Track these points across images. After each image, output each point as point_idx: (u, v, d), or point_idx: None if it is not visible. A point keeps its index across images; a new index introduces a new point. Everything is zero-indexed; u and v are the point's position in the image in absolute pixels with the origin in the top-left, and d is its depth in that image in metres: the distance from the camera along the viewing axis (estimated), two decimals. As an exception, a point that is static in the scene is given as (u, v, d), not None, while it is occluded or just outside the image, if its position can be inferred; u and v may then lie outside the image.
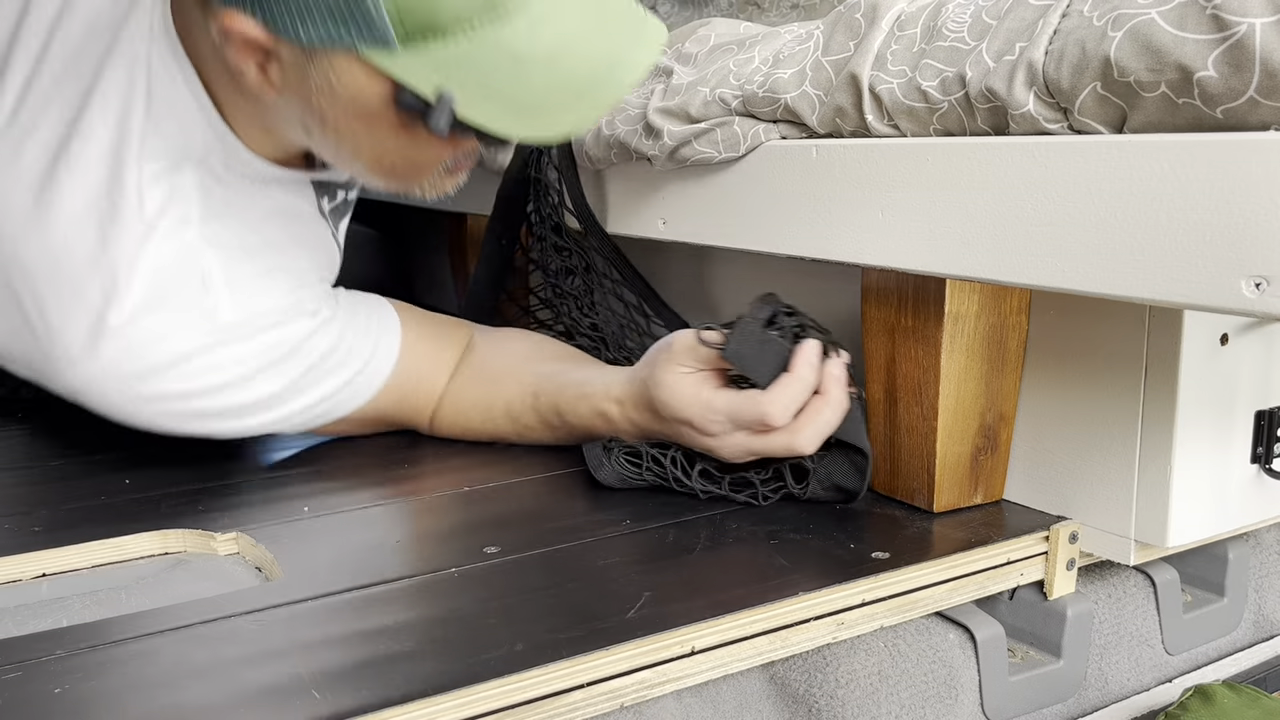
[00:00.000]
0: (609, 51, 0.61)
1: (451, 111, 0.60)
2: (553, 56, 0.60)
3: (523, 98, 0.60)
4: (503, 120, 0.61)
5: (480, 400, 0.86)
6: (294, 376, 0.77)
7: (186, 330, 0.72)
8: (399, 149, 0.67)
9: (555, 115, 0.61)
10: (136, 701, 0.48)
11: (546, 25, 0.59)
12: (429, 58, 0.58)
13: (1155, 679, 0.72)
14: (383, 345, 0.83)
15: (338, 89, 0.62)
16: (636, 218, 0.79)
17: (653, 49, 0.63)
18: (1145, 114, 0.47)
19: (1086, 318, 0.65)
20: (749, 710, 0.59)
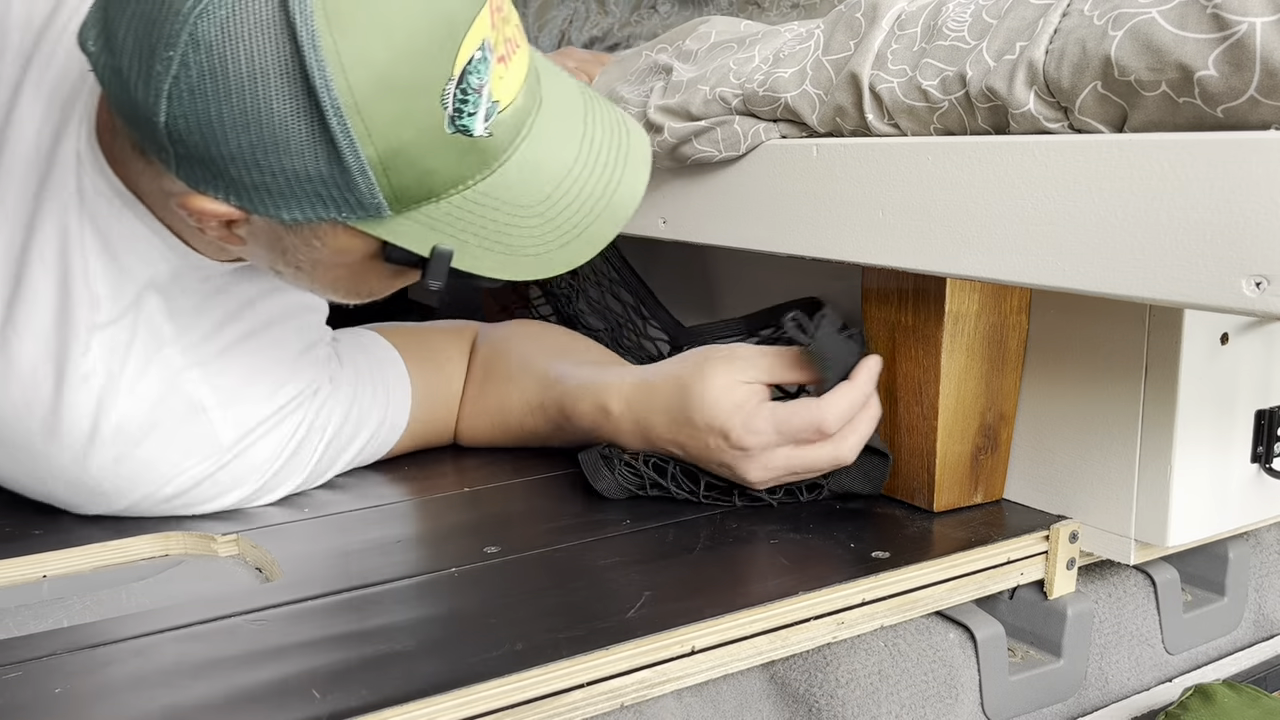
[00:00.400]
0: (601, 181, 0.60)
1: (449, 264, 0.58)
2: (547, 197, 0.59)
3: (519, 243, 0.59)
4: (501, 267, 0.59)
5: (489, 411, 0.85)
6: (313, 464, 0.75)
7: (189, 459, 0.68)
8: (378, 282, 0.64)
9: (553, 254, 0.60)
10: (136, 701, 0.48)
11: (538, 168, 0.58)
12: (422, 219, 0.56)
13: (1155, 678, 0.72)
14: (395, 399, 0.81)
15: (318, 249, 0.59)
16: (636, 217, 0.79)
17: (641, 168, 0.62)
18: (1146, 113, 0.47)
19: (1086, 318, 0.65)
20: (749, 710, 0.59)
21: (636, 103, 0.73)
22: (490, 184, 0.57)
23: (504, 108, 0.56)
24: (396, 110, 0.51)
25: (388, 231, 0.56)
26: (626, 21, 1.27)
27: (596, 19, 1.33)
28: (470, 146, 0.55)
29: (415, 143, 0.53)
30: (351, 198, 0.53)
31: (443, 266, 0.57)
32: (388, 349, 0.83)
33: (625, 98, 0.75)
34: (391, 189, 0.54)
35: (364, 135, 0.51)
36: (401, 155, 0.52)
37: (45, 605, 0.60)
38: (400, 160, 0.53)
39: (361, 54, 0.49)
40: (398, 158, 0.52)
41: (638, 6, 1.27)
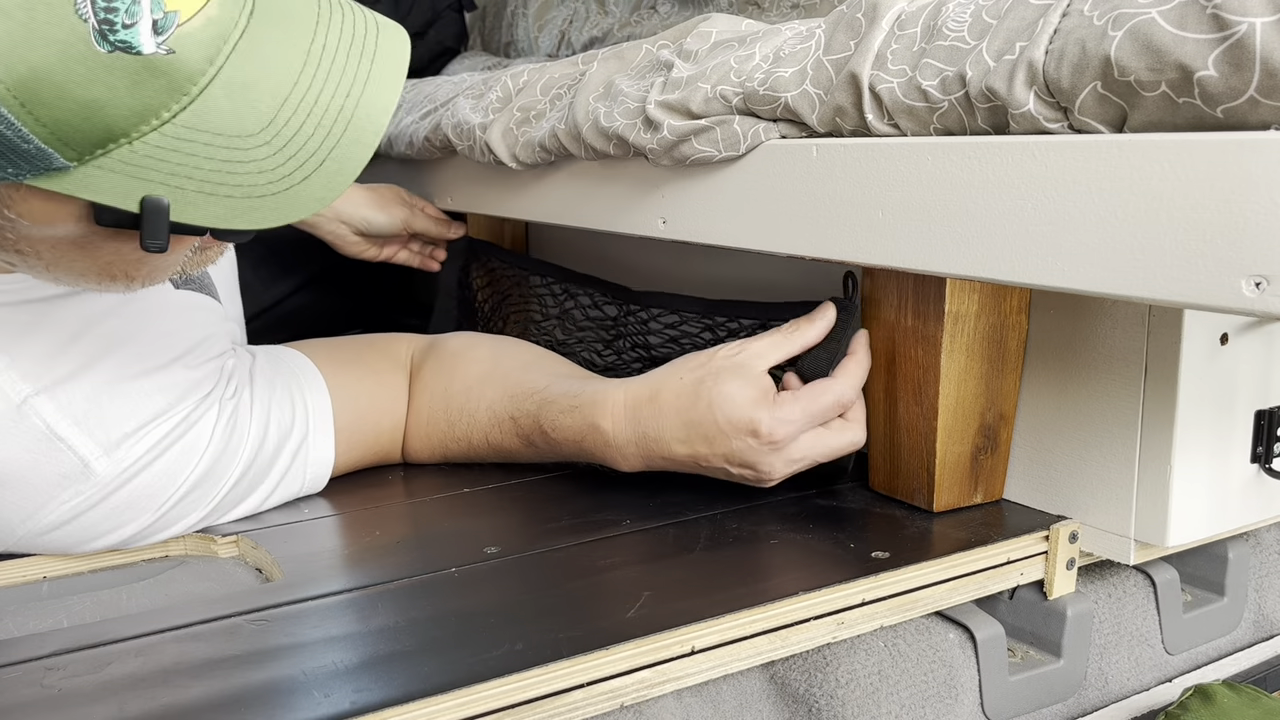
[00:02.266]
0: (339, 95, 0.52)
1: (168, 219, 0.48)
2: (270, 121, 0.49)
3: (250, 181, 0.49)
4: (235, 214, 0.50)
5: (444, 425, 0.79)
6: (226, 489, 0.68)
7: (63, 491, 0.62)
8: (124, 258, 0.55)
9: (297, 191, 0.51)
10: (136, 701, 0.48)
11: (252, 87, 0.49)
12: (117, 166, 0.47)
13: (1155, 679, 0.72)
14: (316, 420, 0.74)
15: (18, 223, 0.50)
16: (636, 217, 0.79)
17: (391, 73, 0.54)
18: (1145, 113, 0.47)
19: (1086, 318, 0.65)
20: (749, 710, 0.59)
21: (636, 97, 0.73)
22: (193, 114, 0.47)
23: (187, 18, 0.47)
24: (13, 29, 0.43)
25: (80, 187, 0.47)
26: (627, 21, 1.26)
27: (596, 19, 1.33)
28: (145, 68, 0.46)
29: (56, 69, 0.44)
30: (5, 148, 0.45)
31: (160, 222, 0.48)
32: (304, 364, 0.77)
33: (625, 91, 0.75)
34: (46, 129, 0.45)
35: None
36: (42, 85, 0.44)
37: (45, 605, 0.60)
38: (43, 91, 0.44)
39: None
40: (37, 89, 0.44)
41: (638, 7, 1.26)
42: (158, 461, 0.65)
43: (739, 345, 0.70)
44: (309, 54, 0.51)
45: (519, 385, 0.76)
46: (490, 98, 0.93)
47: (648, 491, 0.74)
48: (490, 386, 0.78)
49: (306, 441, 0.74)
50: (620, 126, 0.73)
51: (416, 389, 0.81)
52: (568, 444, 0.73)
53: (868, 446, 0.74)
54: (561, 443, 0.73)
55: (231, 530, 0.69)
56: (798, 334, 0.70)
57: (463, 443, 0.79)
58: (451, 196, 1.10)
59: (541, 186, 0.92)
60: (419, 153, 1.08)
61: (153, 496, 0.65)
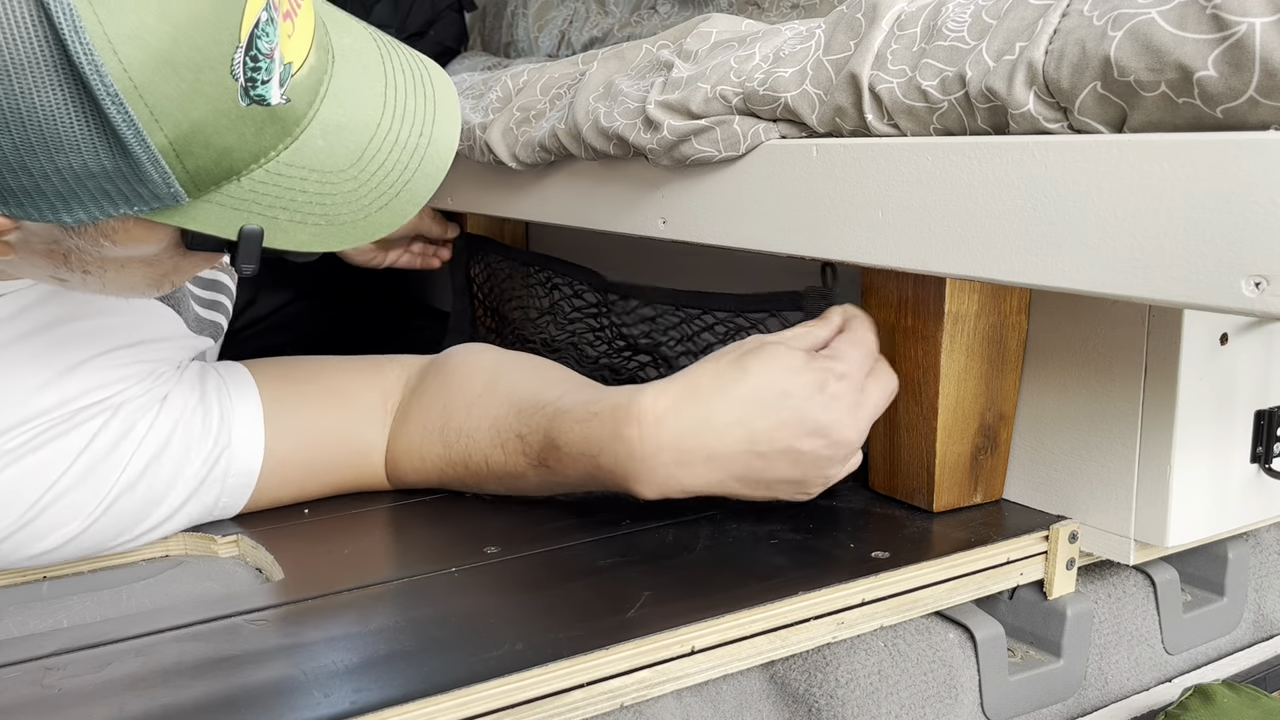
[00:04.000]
0: (414, 133, 0.56)
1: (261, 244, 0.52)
2: (359, 158, 0.54)
3: (335, 210, 0.54)
4: (318, 239, 0.54)
5: (441, 447, 0.72)
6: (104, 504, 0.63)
7: None
8: (181, 271, 0.58)
9: (374, 218, 0.55)
10: (136, 701, 0.48)
11: (343, 129, 0.53)
12: (226, 200, 0.50)
13: (1155, 679, 0.72)
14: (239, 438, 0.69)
15: (108, 248, 0.52)
16: (636, 217, 0.79)
17: (451, 109, 0.58)
18: (1145, 113, 0.47)
19: (1086, 318, 0.65)
20: (749, 710, 0.59)
21: (636, 97, 0.73)
22: (293, 153, 0.52)
23: (297, 69, 0.51)
24: (183, 88, 0.46)
25: (188, 219, 0.50)
26: (627, 22, 1.26)
27: (596, 19, 1.33)
28: (269, 117, 0.50)
29: (209, 122, 0.47)
30: (144, 190, 0.47)
31: (254, 248, 0.52)
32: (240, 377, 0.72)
33: (625, 91, 0.75)
34: (188, 174, 0.48)
35: (149, 121, 0.45)
36: (195, 137, 0.47)
37: (45, 605, 0.60)
38: (194, 143, 0.47)
39: (133, 29, 0.44)
40: (191, 140, 0.47)
41: (638, 7, 1.26)
42: (28, 457, 0.61)
43: (759, 338, 0.64)
44: (385, 97, 0.56)
45: (525, 399, 0.69)
46: (490, 98, 0.93)
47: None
48: (493, 403, 0.70)
49: (224, 456, 0.68)
50: (620, 126, 0.73)
51: (411, 410, 0.75)
52: (582, 459, 0.64)
53: (868, 446, 0.74)
54: (575, 458, 0.64)
55: (231, 530, 0.69)
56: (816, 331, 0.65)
57: (459, 466, 0.71)
58: (451, 196, 1.10)
59: (541, 186, 0.92)
60: (419, 153, 1.08)
61: (18, 496, 0.61)
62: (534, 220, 0.97)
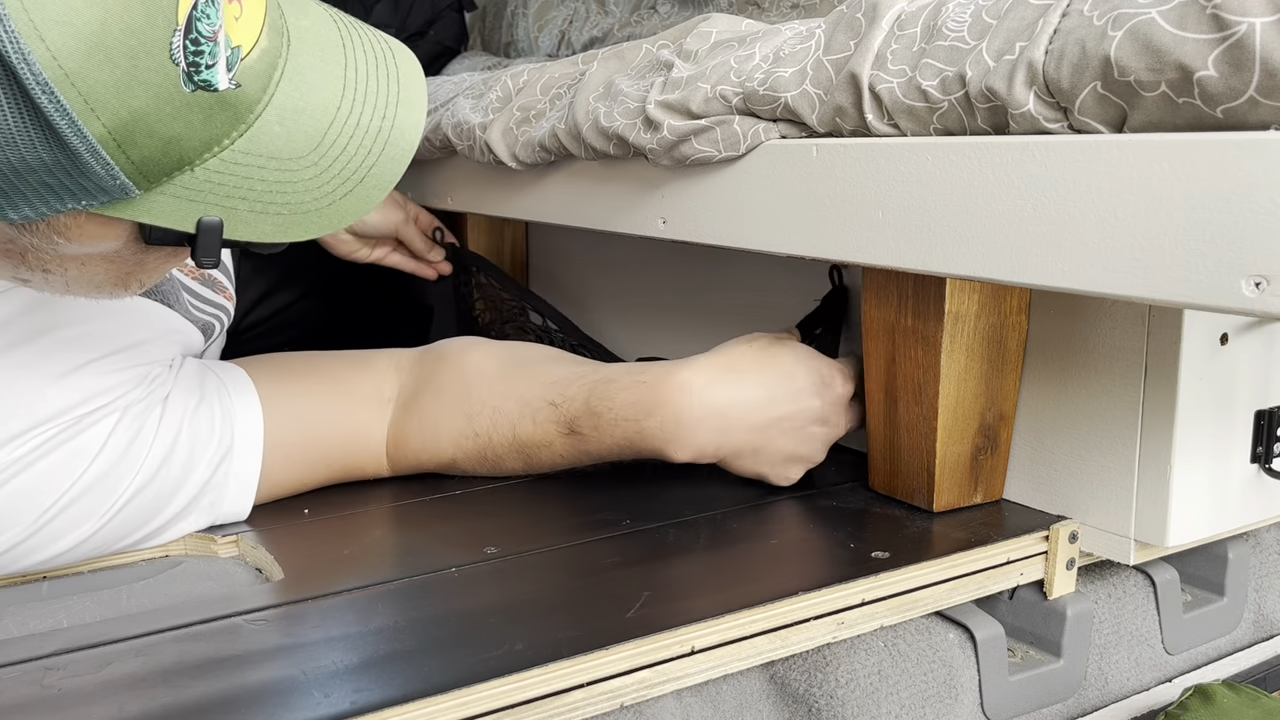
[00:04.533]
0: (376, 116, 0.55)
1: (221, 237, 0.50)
2: (318, 144, 0.52)
3: (297, 199, 0.52)
4: (281, 229, 0.52)
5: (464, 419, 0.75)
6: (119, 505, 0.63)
7: None
8: (146, 268, 0.56)
9: (338, 205, 0.54)
10: (136, 701, 0.48)
11: (301, 113, 0.52)
12: (180, 191, 0.49)
13: (1155, 679, 0.72)
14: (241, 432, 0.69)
15: (63, 245, 0.51)
16: (636, 217, 0.79)
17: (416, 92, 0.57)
18: (1145, 113, 0.47)
19: (1086, 318, 0.65)
20: (749, 710, 0.59)
21: (636, 97, 0.73)
22: (249, 140, 0.50)
23: (247, 52, 0.49)
24: (118, 75, 0.44)
25: (141, 212, 0.48)
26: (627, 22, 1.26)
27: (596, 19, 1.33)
28: (217, 103, 0.48)
29: (151, 109, 0.45)
30: (89, 183, 0.46)
31: (214, 241, 0.50)
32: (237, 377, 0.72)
33: (625, 91, 0.75)
34: (133, 165, 0.46)
35: (84, 110, 0.44)
36: (137, 126, 0.45)
37: (45, 605, 0.60)
38: (137, 132, 0.45)
39: (59, 14, 0.42)
40: (133, 129, 0.45)
41: (638, 7, 1.26)
42: (40, 463, 0.60)
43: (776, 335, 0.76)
44: (345, 79, 0.54)
45: (554, 373, 0.74)
46: (490, 97, 0.93)
47: (648, 491, 0.74)
48: (518, 376, 0.74)
49: (230, 454, 0.69)
50: (620, 126, 0.73)
51: (418, 394, 0.76)
52: (624, 424, 0.70)
53: (868, 446, 0.74)
54: (618, 422, 0.70)
55: (231, 530, 0.69)
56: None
57: (481, 438, 0.74)
58: (451, 196, 1.10)
59: (541, 186, 0.92)
60: (419, 153, 1.08)
61: (32, 502, 0.60)
62: (534, 220, 0.97)
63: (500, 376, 0.75)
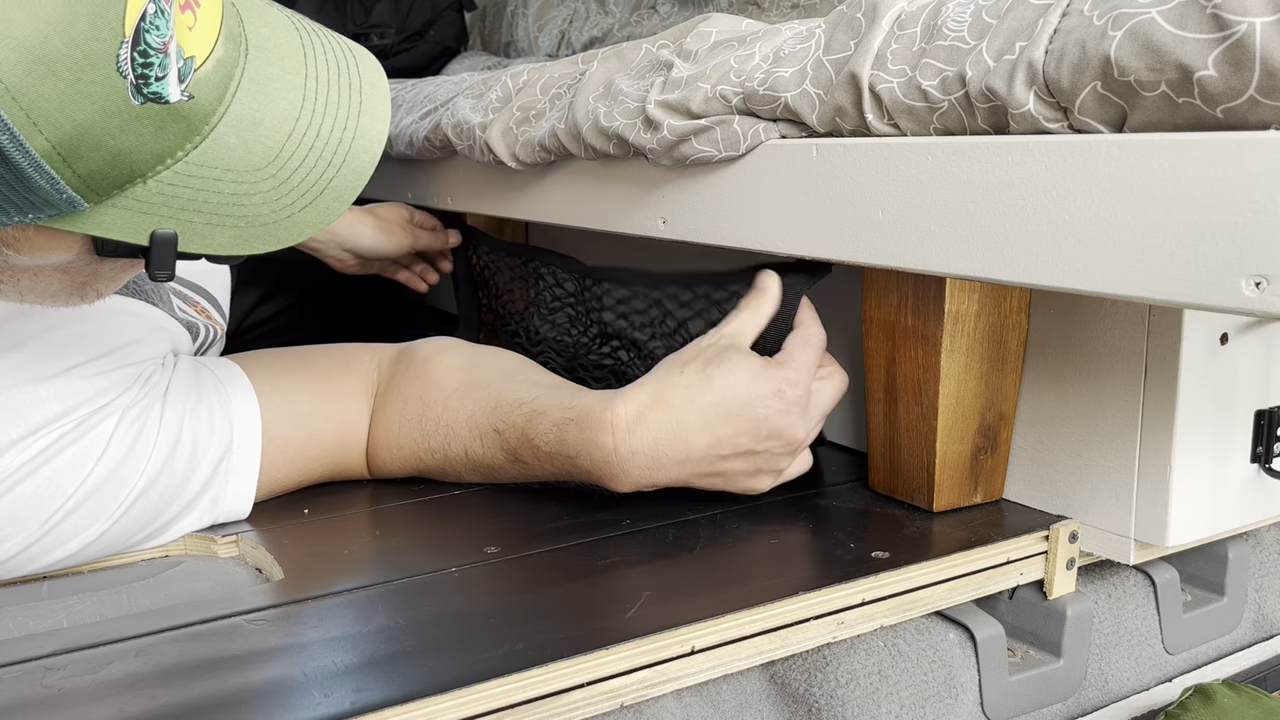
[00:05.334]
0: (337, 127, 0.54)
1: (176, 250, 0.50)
2: (276, 156, 0.51)
3: (255, 211, 0.51)
4: (238, 242, 0.51)
5: (417, 435, 0.75)
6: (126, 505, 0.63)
7: None
8: (102, 278, 0.56)
9: (298, 217, 0.53)
10: (136, 701, 0.48)
11: (258, 124, 0.51)
12: (132, 204, 0.48)
13: (1155, 678, 0.72)
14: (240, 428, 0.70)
15: (13, 258, 0.50)
16: (636, 217, 0.79)
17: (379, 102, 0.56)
18: (1145, 113, 0.47)
19: (1086, 318, 0.65)
20: (749, 710, 0.59)
21: (636, 97, 0.73)
22: (204, 152, 0.49)
23: (201, 62, 0.48)
24: (62, 89, 0.43)
25: (92, 225, 0.48)
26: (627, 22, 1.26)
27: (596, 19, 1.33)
28: (169, 115, 0.47)
29: (97, 123, 0.45)
30: (34, 197, 0.45)
31: (168, 254, 0.49)
32: (233, 373, 0.72)
33: (625, 91, 0.75)
34: (80, 179, 0.45)
35: (26, 124, 0.43)
36: (82, 140, 0.44)
37: (45, 605, 0.60)
38: (82, 145, 0.45)
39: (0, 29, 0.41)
40: (78, 143, 0.44)
41: (638, 7, 1.26)
42: (44, 468, 0.60)
43: (715, 333, 0.70)
44: (305, 89, 0.53)
45: (502, 396, 0.72)
46: (490, 97, 0.93)
47: (648, 491, 0.74)
48: (470, 396, 0.73)
49: (230, 452, 0.69)
50: (620, 126, 0.73)
51: (388, 398, 0.77)
52: (560, 459, 0.69)
53: (868, 446, 0.74)
54: (553, 458, 0.69)
55: (231, 530, 0.69)
56: (760, 307, 0.70)
57: (438, 455, 0.74)
58: (451, 196, 1.10)
59: (541, 186, 0.92)
60: (419, 153, 1.08)
61: (38, 507, 0.60)
62: (534, 220, 0.97)
63: (455, 393, 0.74)
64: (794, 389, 0.66)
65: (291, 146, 0.52)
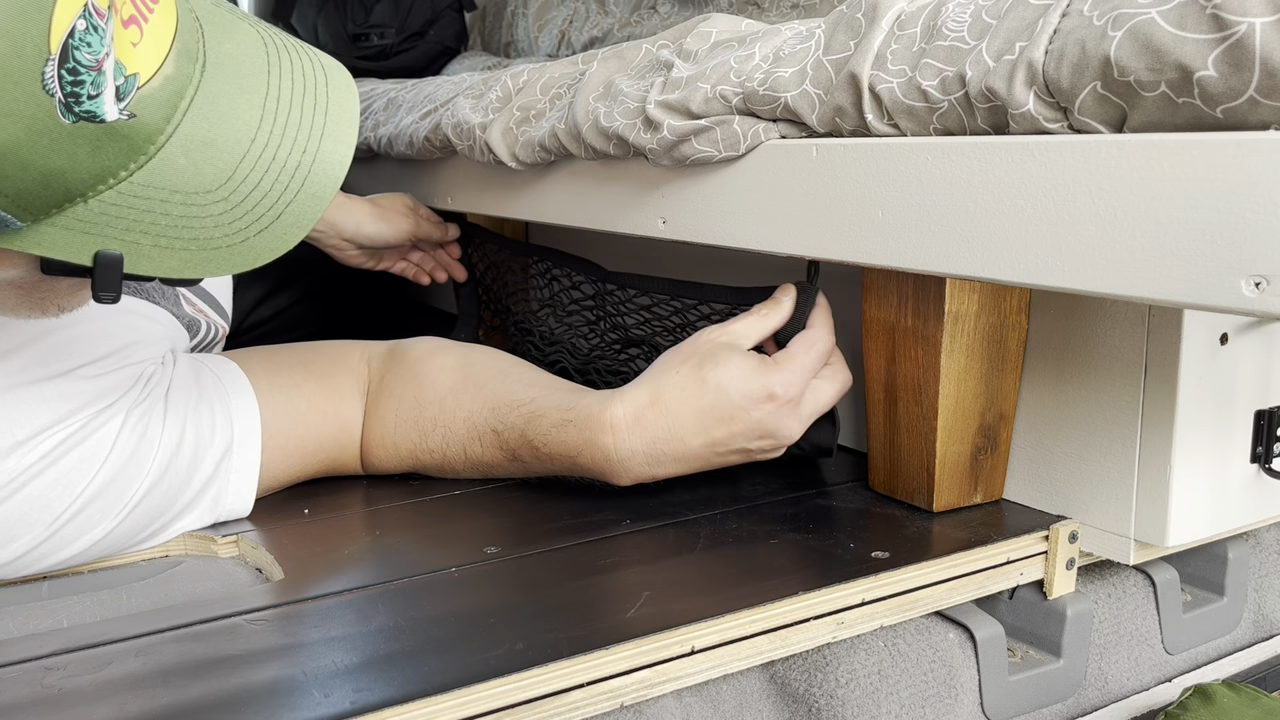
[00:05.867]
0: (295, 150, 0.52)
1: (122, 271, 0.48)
2: (228, 179, 0.50)
3: (206, 235, 0.49)
4: (188, 265, 0.50)
5: (414, 434, 0.75)
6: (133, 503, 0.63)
7: None
8: (61, 295, 0.55)
9: (253, 242, 0.51)
10: (136, 701, 0.48)
11: (210, 145, 0.49)
12: (72, 224, 0.46)
13: (1155, 678, 0.72)
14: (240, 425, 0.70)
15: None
16: (636, 217, 0.79)
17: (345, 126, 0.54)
18: (1145, 113, 0.47)
19: (1086, 318, 0.65)
20: (749, 710, 0.59)
21: (636, 97, 0.73)
22: (150, 173, 0.48)
23: (146, 80, 0.46)
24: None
25: (30, 244, 0.46)
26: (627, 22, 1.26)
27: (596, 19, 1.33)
28: (106, 134, 0.46)
29: (22, 141, 0.43)
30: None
31: (113, 275, 0.48)
32: (230, 371, 0.72)
33: (625, 91, 0.75)
34: (7, 199, 0.44)
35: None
36: (6, 159, 0.43)
37: (45, 605, 0.60)
38: (7, 165, 0.43)
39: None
40: (2, 163, 0.43)
41: (638, 7, 1.26)
42: (50, 470, 0.60)
43: (719, 329, 0.70)
44: (264, 109, 0.51)
45: (499, 396, 0.73)
46: (490, 97, 0.93)
47: (648, 491, 0.74)
48: (466, 397, 0.74)
49: (231, 450, 0.69)
50: (620, 126, 0.73)
51: (380, 397, 0.77)
52: (560, 459, 0.70)
53: (868, 446, 0.74)
54: (553, 457, 0.70)
55: (231, 530, 0.69)
56: (770, 316, 0.71)
57: (436, 454, 0.75)
58: (451, 196, 1.10)
59: (541, 186, 0.92)
60: (419, 153, 1.08)
61: (45, 508, 0.60)
62: (534, 220, 0.97)
63: (451, 394, 0.75)
64: (787, 390, 0.66)
65: (245, 169, 0.50)
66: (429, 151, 1.06)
